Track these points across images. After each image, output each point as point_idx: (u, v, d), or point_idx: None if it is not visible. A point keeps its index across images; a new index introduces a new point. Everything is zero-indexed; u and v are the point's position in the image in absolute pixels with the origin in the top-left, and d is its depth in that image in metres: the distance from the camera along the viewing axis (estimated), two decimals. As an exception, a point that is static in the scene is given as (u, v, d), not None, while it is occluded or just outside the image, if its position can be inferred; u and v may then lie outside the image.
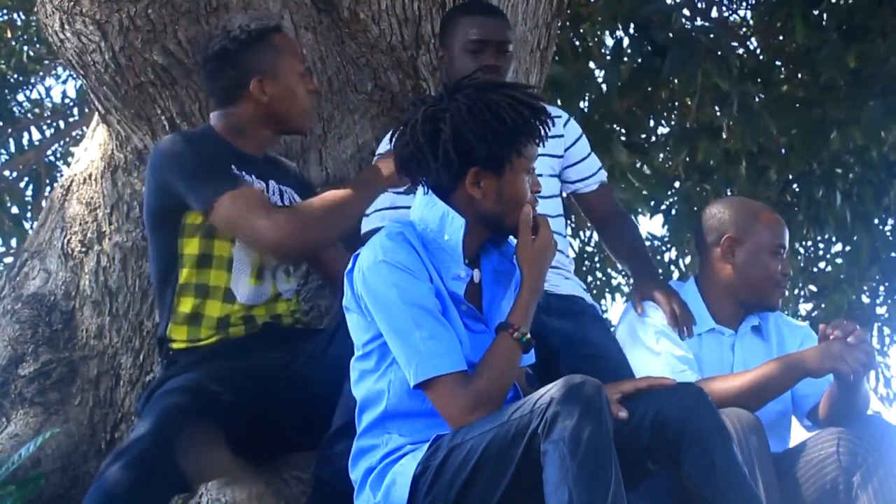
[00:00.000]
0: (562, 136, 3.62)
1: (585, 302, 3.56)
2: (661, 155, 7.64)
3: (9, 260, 8.08)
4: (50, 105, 8.96)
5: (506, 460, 2.37)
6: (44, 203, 4.76)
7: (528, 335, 2.57)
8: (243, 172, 3.08)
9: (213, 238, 3.07)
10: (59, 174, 8.15)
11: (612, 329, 3.69)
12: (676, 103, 7.31)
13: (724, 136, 6.89)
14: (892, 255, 7.84)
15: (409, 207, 2.75)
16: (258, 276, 3.10)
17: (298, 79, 3.20)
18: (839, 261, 8.01)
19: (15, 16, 8.17)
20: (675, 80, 6.61)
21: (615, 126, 6.88)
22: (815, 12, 6.10)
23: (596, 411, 2.28)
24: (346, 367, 2.71)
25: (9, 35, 8.09)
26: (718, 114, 6.74)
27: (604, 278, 8.88)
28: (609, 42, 7.20)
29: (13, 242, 8.30)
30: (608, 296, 8.91)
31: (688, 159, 7.19)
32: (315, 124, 3.31)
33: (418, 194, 2.69)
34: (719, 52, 6.00)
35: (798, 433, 3.51)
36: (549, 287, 3.30)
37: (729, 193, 7.09)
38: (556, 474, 2.25)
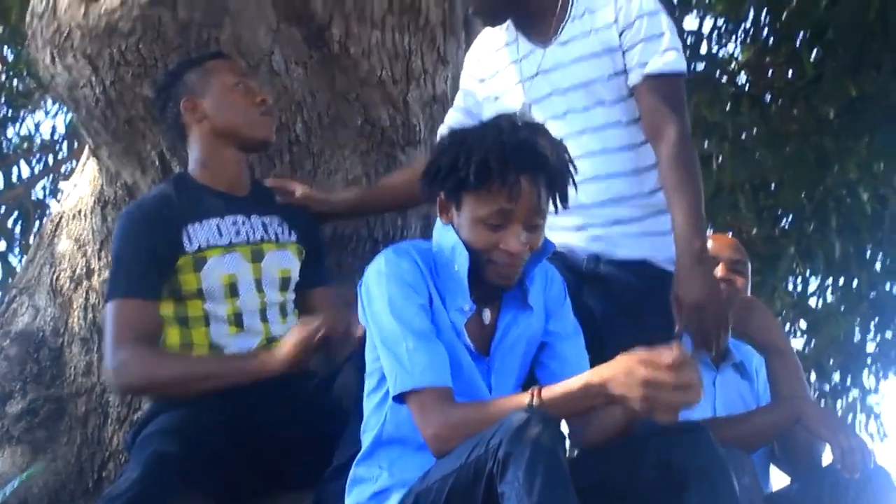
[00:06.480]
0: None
1: (656, 268, 2.97)
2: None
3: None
4: (39, 141, 8.96)
5: (470, 502, 2.33)
6: (32, 239, 4.74)
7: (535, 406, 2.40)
8: (209, 218, 3.05)
9: (183, 300, 3.04)
10: (47, 210, 8.14)
11: None
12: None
13: (715, 169, 6.89)
14: (885, 289, 7.83)
15: None
16: (238, 324, 3.05)
17: (231, 88, 3.15)
18: (830, 296, 7.99)
19: (5, 49, 8.18)
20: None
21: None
22: (815, 49, 6.13)
23: (547, 448, 2.22)
24: (350, 406, 2.71)
25: (-2, 69, 8.11)
26: (706, 145, 6.74)
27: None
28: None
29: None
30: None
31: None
32: (271, 134, 3.19)
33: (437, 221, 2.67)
34: (713, 84, 6.01)
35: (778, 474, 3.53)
36: (605, 248, 2.97)
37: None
38: None
